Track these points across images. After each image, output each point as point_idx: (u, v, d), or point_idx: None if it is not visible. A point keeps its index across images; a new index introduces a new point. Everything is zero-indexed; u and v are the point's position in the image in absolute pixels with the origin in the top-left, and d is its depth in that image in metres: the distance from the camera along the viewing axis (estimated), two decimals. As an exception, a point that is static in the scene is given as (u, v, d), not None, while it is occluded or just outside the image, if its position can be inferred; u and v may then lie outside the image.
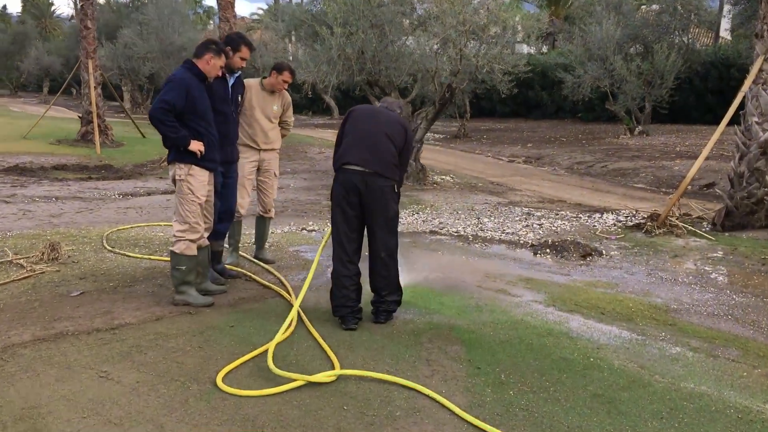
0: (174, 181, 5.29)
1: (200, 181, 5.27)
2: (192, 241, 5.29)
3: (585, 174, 16.86)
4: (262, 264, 6.74)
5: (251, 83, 6.63)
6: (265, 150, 6.65)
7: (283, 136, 6.90)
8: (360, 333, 4.89)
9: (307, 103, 33.62)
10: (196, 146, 5.19)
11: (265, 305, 5.50)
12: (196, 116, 5.21)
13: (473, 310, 5.50)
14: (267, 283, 6.03)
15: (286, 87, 6.65)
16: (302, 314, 5.18)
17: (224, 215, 6.11)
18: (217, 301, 5.50)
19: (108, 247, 7.33)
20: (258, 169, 6.72)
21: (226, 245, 6.43)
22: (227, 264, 6.63)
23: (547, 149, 21.14)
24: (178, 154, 5.24)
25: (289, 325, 4.83)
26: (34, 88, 54.58)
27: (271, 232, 8.41)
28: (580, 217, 10.19)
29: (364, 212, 4.89)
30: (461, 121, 25.10)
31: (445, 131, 26.60)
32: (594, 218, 10.14)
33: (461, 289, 6.05)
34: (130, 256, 6.99)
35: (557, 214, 10.42)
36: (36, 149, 18.46)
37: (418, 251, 7.61)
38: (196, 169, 5.25)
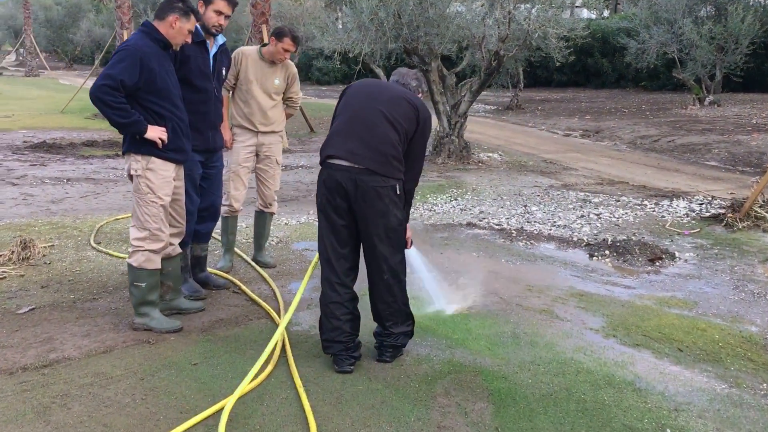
0: (130, 176, 4.21)
1: (162, 177, 4.18)
2: (153, 251, 4.22)
3: (649, 150, 15.25)
4: (258, 269, 5.65)
5: (247, 52, 5.49)
6: (264, 133, 5.53)
7: (288, 116, 5.75)
8: (356, 377, 3.75)
9: (352, 73, 32.37)
10: (155, 133, 4.09)
11: (247, 330, 4.41)
12: (155, 94, 4.11)
13: (508, 341, 4.29)
14: (256, 298, 4.94)
15: (288, 57, 5.48)
16: (287, 346, 4.07)
17: (206, 214, 5.03)
18: (188, 324, 4.44)
19: (93, 244, 6.36)
20: (257, 156, 5.60)
21: (217, 241, 5.35)
22: (217, 269, 5.57)
23: (607, 121, 19.46)
24: (134, 143, 4.15)
25: (264, 365, 3.72)
26: (88, 61, 54.74)
27: (285, 223, 7.33)
28: (646, 205, 8.78)
29: (357, 220, 3.72)
30: (514, 92, 23.52)
31: (497, 102, 25.04)
32: (662, 206, 8.72)
33: (496, 308, 4.84)
34: (111, 256, 6.00)
35: (618, 201, 9.03)
36: (70, 124, 17.92)
37: (449, 252, 6.39)
38: (156, 162, 4.16)
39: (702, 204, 8.84)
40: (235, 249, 6.15)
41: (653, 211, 8.47)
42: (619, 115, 20.94)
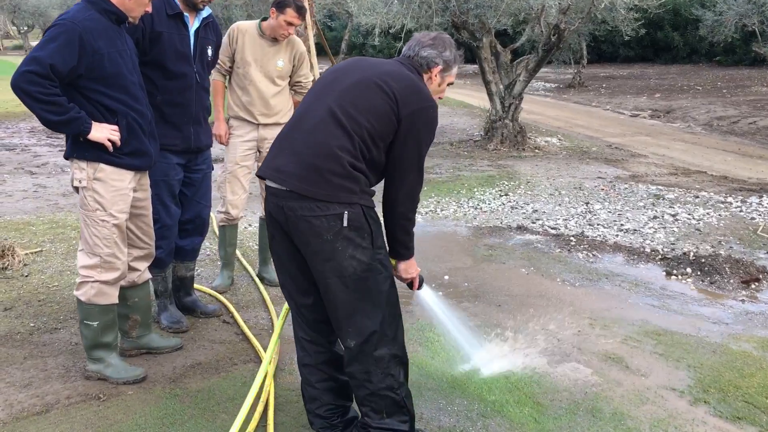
0: (75, 188, 3.32)
1: (115, 190, 3.27)
2: (106, 282, 3.32)
3: (728, 132, 13.72)
4: (261, 288, 4.73)
5: (244, 27, 4.53)
6: (266, 125, 4.57)
7: (296, 104, 4.77)
8: (353, 467, 2.77)
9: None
10: (102, 133, 3.18)
11: (227, 381, 3.48)
12: (103, 83, 3.19)
13: (562, 408, 3.25)
14: (248, 332, 4.01)
15: (292, 32, 4.49)
16: (270, 410, 3.13)
17: (191, 227, 4.13)
18: (154, 371, 3.55)
19: (83, 250, 5.55)
20: (258, 153, 4.66)
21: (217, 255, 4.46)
22: (213, 288, 4.68)
23: (679, 100, 17.86)
24: (77, 146, 3.24)
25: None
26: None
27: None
28: (730, 203, 7.50)
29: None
30: (576, 68, 22.01)
31: (558, 80, 23.50)
32: (750, 204, 7.43)
33: (546, 354, 3.78)
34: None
35: (697, 197, 7.77)
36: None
37: (493, 267, 5.33)
38: (106, 170, 3.25)
39: (799, 202, 7.51)
40: (243, 261, 5.26)
41: (740, 210, 7.20)
42: (692, 93, 19.26)
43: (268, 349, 2.91)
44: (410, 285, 2.92)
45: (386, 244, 2.70)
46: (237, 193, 4.61)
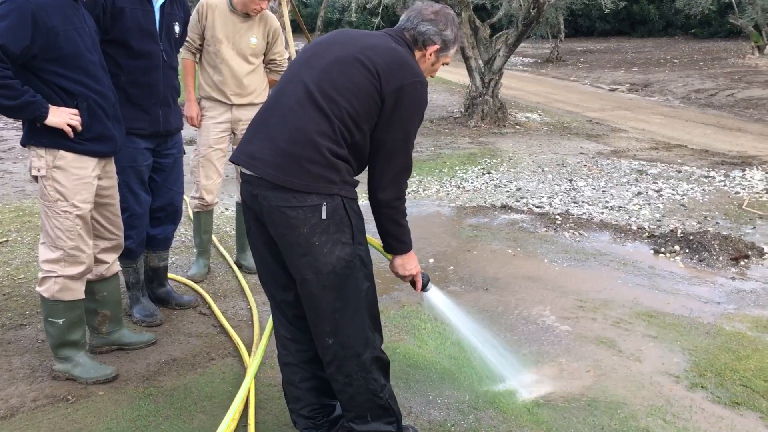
0: (34, 177, 3.09)
1: (77, 178, 3.05)
2: (71, 277, 3.11)
3: (706, 105, 13.70)
4: (240, 276, 4.54)
5: (215, 3, 4.28)
6: (240, 106, 4.35)
7: (272, 83, 4.55)
8: (339, 468, 2.62)
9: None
10: (60, 118, 2.95)
11: (204, 378, 3.31)
12: (60, 63, 2.96)
13: (557, 396, 3.11)
14: (226, 324, 3.82)
15: (265, 6, 4.26)
16: (251, 409, 2.96)
17: (162, 215, 3.92)
18: (126, 369, 3.36)
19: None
20: (233, 135, 4.44)
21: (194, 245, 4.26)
22: (188, 277, 4.48)
23: (657, 73, 17.83)
24: (34, 132, 3.02)
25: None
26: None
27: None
28: (714, 177, 7.43)
29: None
30: (554, 43, 21.89)
31: (536, 54, 23.38)
32: (733, 178, 7.37)
33: (536, 340, 3.65)
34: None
35: (680, 172, 7.69)
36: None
37: (479, 248, 5.19)
38: (67, 158, 3.03)
39: (781, 175, 7.45)
40: (220, 247, 5.06)
41: (723, 185, 7.13)
42: (669, 67, 19.24)
43: (251, 363, 2.69)
44: (412, 284, 2.69)
45: (367, 239, 2.49)
46: (211, 177, 4.40)
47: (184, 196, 4.70)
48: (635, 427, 2.88)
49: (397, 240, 2.55)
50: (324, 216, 2.28)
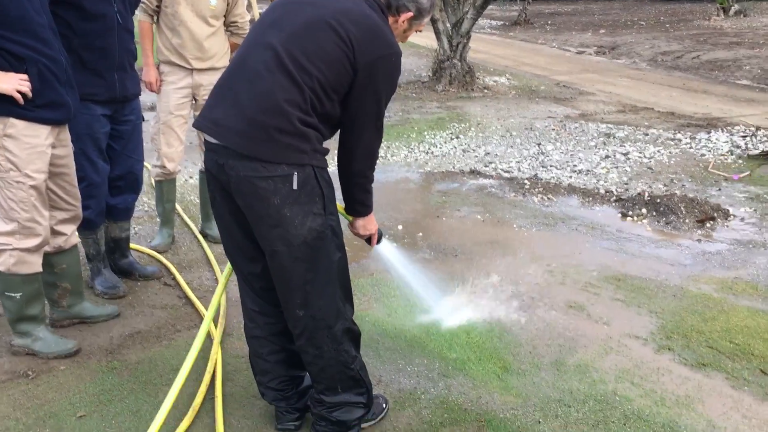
0: (-18, 146, 2.95)
1: (29, 147, 2.92)
2: (27, 250, 3.00)
3: (672, 68, 13.76)
4: (205, 246, 4.45)
5: (171, -39, 4.10)
6: (201, 70, 4.21)
7: (233, 46, 4.40)
8: (308, 439, 2.60)
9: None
10: (8, 84, 2.80)
11: (170, 350, 3.24)
12: (7, 27, 2.80)
13: (525, 362, 3.12)
14: (191, 294, 3.75)
15: (225, -34, 4.11)
16: (217, 380, 2.92)
17: (122, 183, 3.81)
18: (88, 343, 3.28)
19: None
20: (194, 101, 4.31)
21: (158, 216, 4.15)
22: (152, 247, 4.38)
23: (624, 36, 17.82)
24: (-20, 98, 2.87)
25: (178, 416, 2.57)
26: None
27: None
28: (680, 140, 7.47)
29: None
30: (522, 5, 21.72)
31: (504, 17, 23.22)
32: (699, 141, 7.42)
33: (506, 302, 3.64)
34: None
35: (647, 134, 7.72)
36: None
37: (447, 214, 5.15)
38: (18, 126, 2.89)
39: (746, 137, 7.53)
40: (184, 217, 4.95)
41: (690, 147, 7.18)
42: (636, 29, 19.24)
43: (208, 310, 2.61)
44: (368, 241, 2.69)
45: (337, 208, 2.43)
46: (173, 145, 4.27)
47: (146, 164, 4.58)
48: (604, 391, 2.90)
49: (362, 205, 2.53)
50: (295, 186, 2.19)
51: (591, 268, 4.13)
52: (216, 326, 3.36)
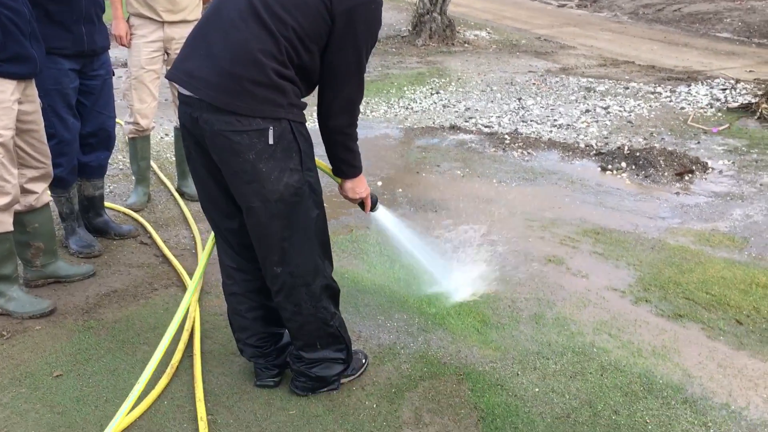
0: (-54, 102, 2.86)
1: (-6, 102, 2.83)
2: (-4, 209, 2.94)
3: (653, 21, 13.68)
4: (181, 204, 4.39)
5: None
6: (172, 23, 4.09)
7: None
8: (286, 396, 2.59)
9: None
10: (-30, 36, 2.70)
11: (147, 309, 3.21)
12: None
13: (504, 315, 3.13)
14: (168, 253, 3.70)
15: None
16: (196, 337, 2.90)
17: (94, 140, 3.72)
18: (64, 302, 3.23)
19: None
20: (166, 55, 4.19)
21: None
22: (127, 206, 4.32)
23: (606, -11, 17.62)
24: (-58, 52, 2.76)
25: (156, 375, 2.56)
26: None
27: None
28: (660, 93, 7.46)
29: None
30: (502, -43, 21.29)
31: (484, -30, 22.79)
32: (679, 94, 7.41)
33: (485, 260, 3.64)
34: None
35: (627, 88, 7.70)
36: None
37: (427, 170, 5.12)
38: (-18, 80, 2.80)
39: (725, 90, 7.54)
40: (160, 174, 4.87)
41: (669, 100, 7.17)
42: (618, -18, 19.02)
43: (192, 280, 2.58)
44: (362, 206, 2.61)
45: (316, 165, 2.36)
46: (145, 101, 4.17)
47: (118, 121, 4.48)
48: (582, 343, 2.92)
49: (348, 165, 2.44)
50: (271, 141, 2.12)
51: (570, 222, 4.13)
52: (200, 279, 3.32)
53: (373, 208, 2.65)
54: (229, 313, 2.61)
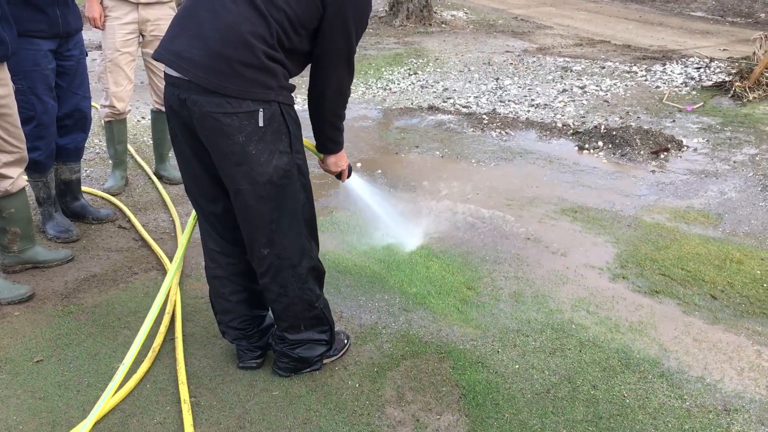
0: None
1: (-34, 85, 2.78)
2: (-29, 194, 2.90)
3: (629, 0, 13.73)
4: (160, 188, 4.36)
5: None
6: (147, 4, 4.04)
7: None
8: (268, 378, 2.60)
9: None
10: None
11: (128, 293, 3.19)
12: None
13: (484, 294, 3.16)
14: (147, 237, 3.68)
15: None
16: (177, 321, 2.90)
17: (70, 122, 3.68)
18: (43, 288, 3.21)
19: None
20: (141, 37, 4.14)
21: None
22: (104, 190, 4.28)
23: (582, -32, 17.63)
24: None
25: (138, 358, 2.56)
26: None
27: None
28: (636, 72, 7.52)
29: None
30: (479, -63, 21.21)
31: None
32: (654, 73, 7.48)
33: (465, 238, 3.67)
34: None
35: (603, 68, 7.74)
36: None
37: (406, 150, 5.13)
38: (-47, 63, 2.75)
39: (700, 68, 7.61)
40: (138, 158, 4.83)
41: (645, 80, 7.23)
42: (594, -39, 19.06)
43: (172, 263, 2.57)
44: (338, 176, 2.66)
45: (307, 145, 2.38)
46: (121, 84, 4.12)
47: (94, 105, 4.43)
48: (560, 320, 2.96)
49: (334, 142, 2.47)
50: (261, 123, 2.11)
51: (549, 201, 4.17)
52: (180, 264, 3.32)
53: (348, 175, 2.70)
54: (211, 296, 2.61)
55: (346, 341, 2.75)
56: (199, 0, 2.14)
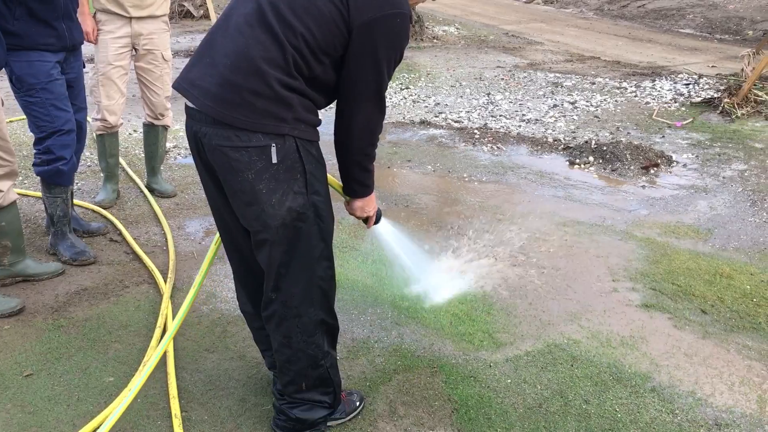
0: None
1: (-41, 98, 2.78)
2: (-38, 208, 2.89)
3: (618, 17, 13.90)
4: (151, 200, 4.35)
5: None
6: (139, 18, 4.04)
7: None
8: (264, 392, 2.59)
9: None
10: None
11: (119, 307, 3.18)
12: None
13: (477, 308, 3.16)
14: (138, 250, 3.67)
15: None
16: (169, 327, 2.88)
17: (64, 136, 3.66)
18: (33, 301, 3.19)
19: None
20: (134, 51, 4.14)
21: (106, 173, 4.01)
22: (96, 203, 4.27)
23: (572, -15, 17.81)
24: None
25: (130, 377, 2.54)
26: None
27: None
28: (625, 88, 7.58)
29: None
30: (470, -47, 21.40)
31: (452, -35, 22.88)
32: (644, 89, 7.54)
33: (456, 254, 3.67)
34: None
35: (593, 83, 7.81)
36: None
37: (398, 165, 5.14)
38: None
39: (689, 84, 7.69)
40: (129, 171, 4.82)
41: (635, 95, 7.29)
42: (583, -22, 19.25)
43: (194, 283, 2.45)
44: (365, 221, 2.45)
45: (328, 187, 2.14)
46: (113, 97, 4.11)
47: (87, 117, 4.43)
48: (552, 334, 2.97)
49: (361, 185, 2.25)
50: (275, 160, 1.91)
51: (540, 216, 4.19)
52: (165, 282, 3.31)
53: (376, 221, 2.49)
54: (247, 323, 2.52)
55: (358, 404, 2.47)
56: (218, 26, 2.02)
